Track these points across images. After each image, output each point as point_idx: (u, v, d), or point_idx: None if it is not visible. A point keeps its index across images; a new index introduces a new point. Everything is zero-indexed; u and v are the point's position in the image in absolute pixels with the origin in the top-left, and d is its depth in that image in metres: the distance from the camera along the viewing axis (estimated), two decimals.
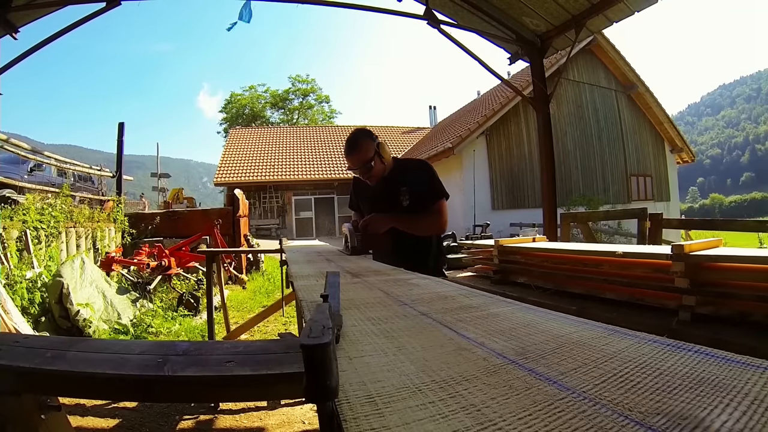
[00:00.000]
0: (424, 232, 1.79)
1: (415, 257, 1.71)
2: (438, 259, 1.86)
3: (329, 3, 3.88)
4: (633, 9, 3.41)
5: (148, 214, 7.79)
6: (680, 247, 1.68)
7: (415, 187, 1.75)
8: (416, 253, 1.77)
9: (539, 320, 0.56)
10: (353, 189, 2.11)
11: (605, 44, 13.30)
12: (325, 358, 0.30)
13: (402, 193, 1.75)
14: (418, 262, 1.59)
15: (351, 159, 1.73)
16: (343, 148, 1.75)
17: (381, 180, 1.79)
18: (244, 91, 34.20)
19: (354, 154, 1.71)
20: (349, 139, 1.75)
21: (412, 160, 1.96)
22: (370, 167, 1.70)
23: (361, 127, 2.11)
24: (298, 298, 0.84)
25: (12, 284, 3.64)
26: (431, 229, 1.79)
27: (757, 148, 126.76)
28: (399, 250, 1.73)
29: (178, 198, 16.37)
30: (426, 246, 1.82)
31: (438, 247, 1.87)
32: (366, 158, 1.69)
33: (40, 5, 3.20)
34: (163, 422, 2.33)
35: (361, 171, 1.73)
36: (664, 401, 0.31)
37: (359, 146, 1.71)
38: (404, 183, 1.76)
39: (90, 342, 0.69)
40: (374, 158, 1.71)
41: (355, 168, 1.74)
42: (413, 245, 1.77)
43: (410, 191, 1.75)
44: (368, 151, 1.70)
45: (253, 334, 3.68)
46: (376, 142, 1.74)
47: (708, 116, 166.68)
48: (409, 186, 1.75)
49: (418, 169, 1.83)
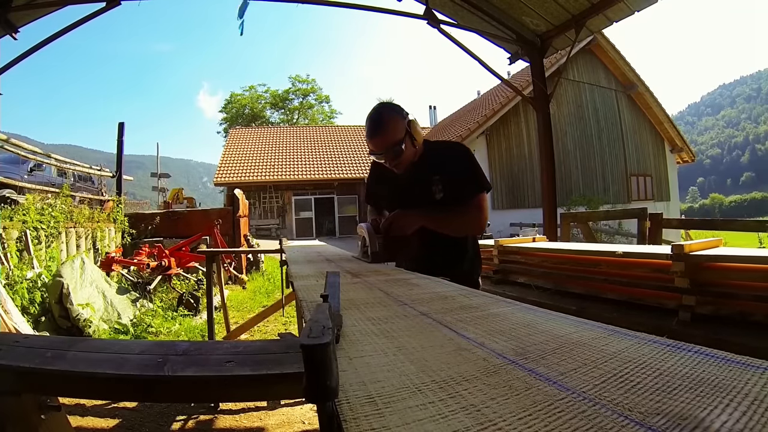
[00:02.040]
0: (460, 232, 1.49)
1: (449, 263, 1.46)
2: (474, 264, 1.54)
3: (329, 3, 3.88)
4: (633, 9, 3.41)
5: (148, 214, 7.79)
6: (680, 247, 1.68)
7: (451, 176, 1.41)
8: (450, 259, 1.48)
9: (539, 320, 0.56)
10: (372, 178, 1.75)
11: (605, 44, 13.31)
12: (325, 358, 0.30)
13: (435, 184, 1.43)
14: (452, 269, 1.37)
15: (376, 141, 1.38)
16: (366, 127, 1.40)
17: (409, 167, 1.45)
18: (244, 91, 34.24)
19: (379, 134, 1.37)
20: (374, 116, 1.39)
21: (446, 142, 1.60)
22: (400, 151, 1.36)
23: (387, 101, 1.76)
24: (298, 298, 0.84)
25: (12, 284, 3.64)
26: (470, 228, 1.48)
27: (757, 148, 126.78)
28: (429, 255, 1.43)
29: (178, 198, 16.36)
30: (461, 249, 1.50)
31: (474, 250, 1.55)
32: (394, 139, 1.35)
33: (40, 5, 3.20)
34: (163, 422, 2.33)
35: (387, 156, 1.38)
36: (664, 401, 0.31)
37: (386, 125, 1.36)
38: (437, 171, 1.43)
39: (90, 342, 0.69)
40: (405, 140, 1.37)
41: (380, 152, 1.39)
42: (447, 248, 1.47)
43: (445, 181, 1.42)
44: (397, 131, 1.36)
45: (253, 334, 3.68)
46: (406, 119, 1.39)
47: (708, 116, 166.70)
48: (443, 174, 1.42)
49: (455, 153, 1.48)
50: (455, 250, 1.49)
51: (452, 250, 1.49)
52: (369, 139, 1.41)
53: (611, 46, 13.48)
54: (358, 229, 1.50)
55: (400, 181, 1.51)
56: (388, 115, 1.39)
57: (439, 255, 1.46)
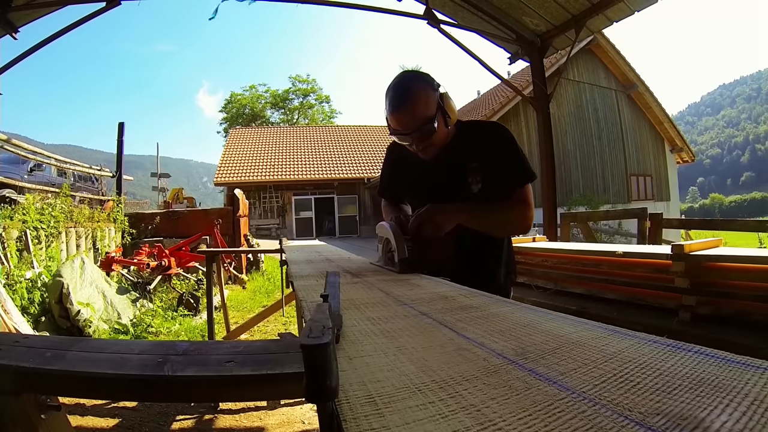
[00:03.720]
0: (504, 231, 1.28)
1: (484, 268, 1.26)
2: (509, 269, 1.33)
3: (330, 3, 3.88)
4: (633, 9, 3.41)
5: (148, 214, 7.79)
6: (680, 247, 1.68)
7: (490, 163, 1.18)
8: (486, 262, 1.27)
9: (539, 320, 0.56)
10: (388, 166, 1.45)
11: (605, 44, 13.31)
12: (325, 358, 0.30)
13: (471, 172, 1.19)
14: (488, 275, 1.22)
15: (401, 117, 1.12)
16: (388, 99, 1.14)
17: (440, 152, 1.21)
18: (245, 90, 34.26)
19: (406, 109, 1.11)
20: (399, 86, 1.14)
21: (481, 122, 1.34)
22: (431, 130, 1.12)
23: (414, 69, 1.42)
24: (298, 298, 0.84)
25: (12, 284, 3.64)
26: (516, 227, 1.25)
27: (757, 147, 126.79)
28: (464, 259, 1.21)
29: (178, 198, 16.36)
30: (497, 250, 1.29)
31: (509, 252, 1.34)
32: (425, 115, 1.10)
33: (40, 5, 3.20)
34: (162, 422, 2.33)
35: (415, 136, 1.13)
36: (664, 401, 0.31)
37: (415, 97, 1.11)
38: (473, 156, 1.20)
39: (90, 342, 0.69)
40: (437, 117, 1.12)
41: (406, 131, 1.13)
42: (482, 250, 1.26)
43: (482, 169, 1.19)
44: (428, 105, 1.11)
45: (253, 334, 3.68)
46: (438, 92, 1.13)
47: (708, 116, 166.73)
48: (480, 161, 1.19)
49: (493, 135, 1.23)
50: (490, 251, 1.28)
51: (487, 251, 1.27)
52: (392, 115, 1.14)
53: (611, 46, 13.48)
54: (379, 229, 1.23)
55: (428, 169, 1.25)
56: (418, 85, 1.13)
57: (475, 257, 1.24)
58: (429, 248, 1.11)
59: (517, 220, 1.20)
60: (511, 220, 1.20)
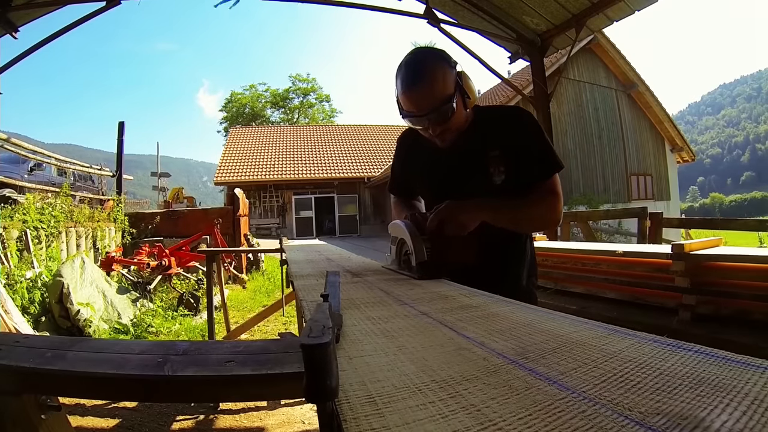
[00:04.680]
0: (535, 227, 1.18)
1: (508, 269, 1.14)
2: (531, 270, 1.20)
3: (330, 2, 3.88)
4: (633, 8, 3.41)
5: (148, 213, 7.80)
6: (680, 246, 1.68)
7: (514, 151, 1.06)
8: (509, 264, 1.14)
9: (539, 320, 0.56)
10: (400, 158, 1.32)
11: (605, 43, 13.30)
12: (325, 358, 0.30)
13: (493, 162, 1.07)
14: (512, 278, 1.12)
15: (416, 96, 1.00)
16: (400, 77, 1.02)
17: (458, 138, 1.09)
18: (245, 90, 34.30)
19: (422, 87, 0.99)
20: (413, 62, 1.02)
21: (502, 106, 1.23)
22: (449, 112, 1.00)
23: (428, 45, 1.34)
24: (298, 297, 0.84)
25: (12, 284, 3.64)
26: (545, 222, 1.17)
27: (757, 147, 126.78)
28: (486, 261, 1.03)
29: (178, 197, 16.37)
30: (519, 250, 1.16)
31: (532, 251, 1.21)
32: (443, 95, 0.98)
33: (40, 5, 3.20)
34: (162, 422, 2.33)
35: (432, 119, 1.00)
36: (664, 401, 0.31)
37: (432, 74, 0.99)
38: (495, 144, 1.07)
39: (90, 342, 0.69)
40: (455, 97, 1.00)
41: (421, 114, 1.00)
42: (505, 250, 1.13)
43: (505, 158, 1.06)
44: (446, 84, 0.99)
45: (253, 334, 3.68)
46: (455, 70, 1.02)
47: (708, 115, 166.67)
48: (503, 149, 1.07)
49: (517, 120, 1.10)
50: (513, 254, 1.15)
51: (510, 254, 1.14)
52: (406, 94, 1.01)
53: (611, 46, 13.47)
54: (392, 229, 1.10)
55: (444, 158, 1.13)
56: (433, 61, 1.01)
57: (498, 262, 1.11)
58: (450, 249, 0.99)
59: (549, 213, 1.08)
60: (542, 214, 1.09)
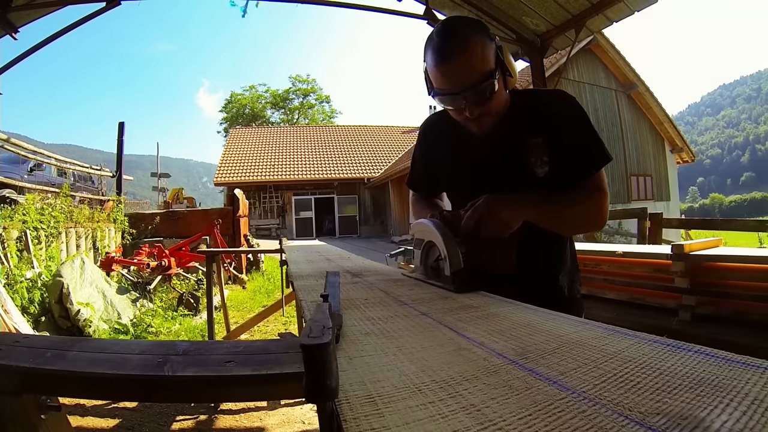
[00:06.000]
0: (581, 227, 1.05)
1: (549, 277, 1.00)
2: (574, 276, 1.05)
3: (329, 3, 3.88)
4: (633, 9, 3.41)
5: (147, 214, 7.80)
6: (680, 246, 1.68)
7: (559, 140, 0.92)
8: (549, 270, 1.00)
9: (539, 320, 0.56)
10: (423, 148, 1.15)
11: (605, 44, 13.30)
12: (325, 358, 0.30)
13: (535, 152, 0.93)
14: (551, 286, 0.99)
15: (452, 70, 0.85)
16: (432, 49, 0.86)
17: (495, 124, 0.94)
18: (245, 90, 34.34)
19: (460, 59, 0.83)
20: (447, 32, 0.86)
21: (542, 90, 1.10)
22: (490, 90, 0.85)
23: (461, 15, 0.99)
24: (298, 298, 0.84)
25: (12, 284, 3.64)
26: (594, 222, 0.98)
27: (757, 148, 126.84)
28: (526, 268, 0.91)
29: (178, 198, 16.36)
30: (559, 254, 1.02)
31: (573, 254, 1.06)
32: (483, 69, 0.84)
33: (40, 5, 3.20)
34: (162, 422, 2.33)
35: (470, 98, 0.85)
36: (664, 401, 0.31)
37: (471, 45, 0.83)
38: (537, 131, 0.94)
39: (90, 342, 0.69)
40: (496, 74, 0.86)
41: (458, 91, 0.85)
42: (546, 254, 0.99)
43: (549, 147, 0.93)
44: (486, 57, 0.85)
45: (253, 334, 3.68)
46: (495, 43, 0.88)
47: (708, 116, 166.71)
48: (545, 137, 0.93)
49: (561, 105, 0.96)
50: (553, 259, 1.01)
51: (551, 259, 1.00)
52: (440, 68, 0.86)
53: (611, 46, 13.48)
54: (418, 229, 0.93)
55: (478, 147, 0.98)
56: (471, 31, 0.85)
57: (538, 268, 0.97)
58: (489, 254, 0.83)
59: (597, 213, 0.94)
60: (589, 214, 0.95)
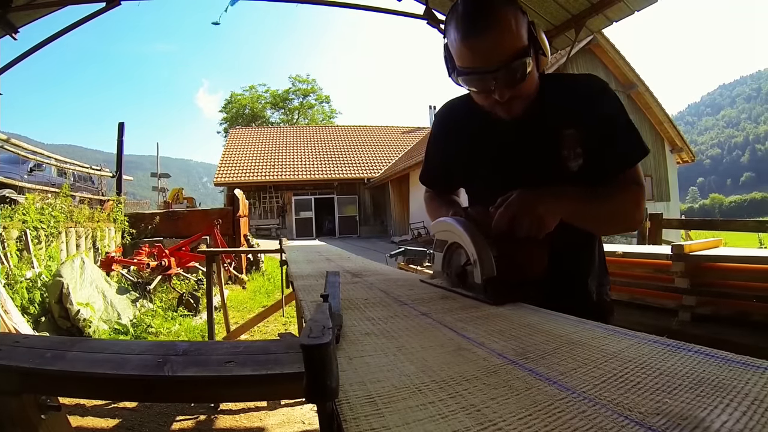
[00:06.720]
0: (617, 226, 0.95)
1: (579, 281, 0.91)
2: (603, 280, 0.97)
3: (329, 3, 3.89)
4: (633, 8, 3.41)
5: (147, 214, 7.80)
6: (680, 247, 1.69)
7: (594, 131, 0.83)
8: (580, 274, 0.92)
9: (539, 320, 0.56)
10: (440, 138, 1.03)
11: (605, 44, 13.30)
12: (325, 358, 0.30)
13: (567, 142, 0.85)
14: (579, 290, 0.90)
15: (483, 46, 0.75)
16: (458, 22, 0.76)
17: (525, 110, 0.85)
18: (245, 91, 34.37)
19: (491, 33, 0.74)
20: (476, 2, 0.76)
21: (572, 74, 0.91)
22: (524, 67, 0.76)
23: None
24: (298, 298, 0.84)
25: (12, 284, 3.64)
26: (632, 219, 0.87)
27: (757, 148, 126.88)
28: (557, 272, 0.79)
29: (177, 198, 16.36)
30: (588, 254, 0.94)
31: (601, 255, 0.97)
32: (516, 46, 0.76)
33: (40, 5, 3.20)
34: (162, 422, 2.33)
35: (501, 78, 0.76)
36: (664, 401, 0.31)
37: (504, 18, 0.75)
38: (570, 120, 0.84)
39: (90, 342, 0.69)
40: (530, 51, 0.77)
41: (489, 69, 0.75)
42: (576, 256, 0.91)
43: (583, 139, 0.84)
44: (520, 33, 0.77)
45: (253, 334, 3.68)
46: (527, 18, 0.81)
47: (708, 116, 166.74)
48: (579, 127, 0.84)
49: (594, 92, 0.87)
50: (583, 261, 0.93)
51: (580, 262, 0.92)
52: (467, 43, 0.75)
53: (611, 46, 13.48)
54: (440, 228, 0.82)
55: (504, 135, 0.89)
56: (501, 2, 0.76)
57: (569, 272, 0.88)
58: (523, 258, 0.73)
59: (634, 209, 0.85)
60: (627, 210, 0.85)
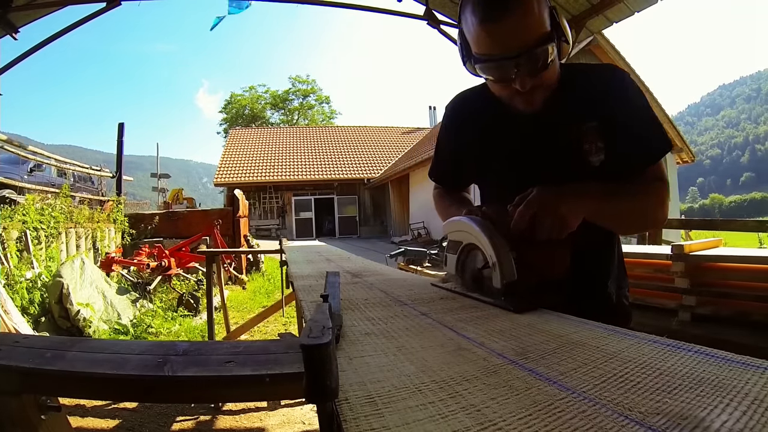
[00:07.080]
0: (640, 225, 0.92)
1: (598, 283, 0.87)
2: (622, 282, 0.92)
3: (329, 3, 3.89)
4: (633, 9, 3.41)
5: (147, 214, 7.80)
6: (680, 247, 1.69)
7: (616, 124, 0.79)
8: (600, 275, 0.88)
9: (539, 320, 0.56)
10: (450, 130, 0.99)
11: (605, 44, 13.28)
12: (325, 358, 0.30)
13: (588, 136, 0.80)
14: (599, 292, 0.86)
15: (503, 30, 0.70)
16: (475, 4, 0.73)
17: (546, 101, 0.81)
18: (244, 91, 34.39)
19: (513, 17, 0.69)
20: None
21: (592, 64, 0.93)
22: (547, 54, 0.72)
23: None
24: (298, 298, 0.84)
25: (12, 284, 3.64)
26: (655, 217, 0.84)
27: (756, 148, 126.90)
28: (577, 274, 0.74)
29: (177, 198, 16.36)
30: (609, 255, 0.89)
31: (620, 255, 0.93)
32: (539, 31, 0.71)
33: (40, 5, 3.20)
34: (163, 423, 2.33)
35: (523, 65, 0.72)
36: (664, 401, 0.31)
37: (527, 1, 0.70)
38: (592, 113, 0.80)
39: (90, 342, 0.69)
40: (553, 37, 0.73)
41: (511, 55, 0.71)
42: (596, 257, 0.87)
43: (605, 132, 0.80)
44: (542, 17, 0.72)
45: (253, 335, 3.68)
46: (549, 2, 0.75)
47: (708, 116, 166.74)
48: (600, 120, 0.80)
49: (616, 83, 0.82)
50: (602, 262, 0.88)
51: (599, 262, 0.88)
52: (487, 26, 0.71)
53: (611, 47, 13.46)
54: (453, 228, 0.77)
55: (521, 128, 0.84)
56: None
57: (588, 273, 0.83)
58: (544, 260, 0.69)
59: (659, 206, 0.81)
60: (651, 208, 0.81)
